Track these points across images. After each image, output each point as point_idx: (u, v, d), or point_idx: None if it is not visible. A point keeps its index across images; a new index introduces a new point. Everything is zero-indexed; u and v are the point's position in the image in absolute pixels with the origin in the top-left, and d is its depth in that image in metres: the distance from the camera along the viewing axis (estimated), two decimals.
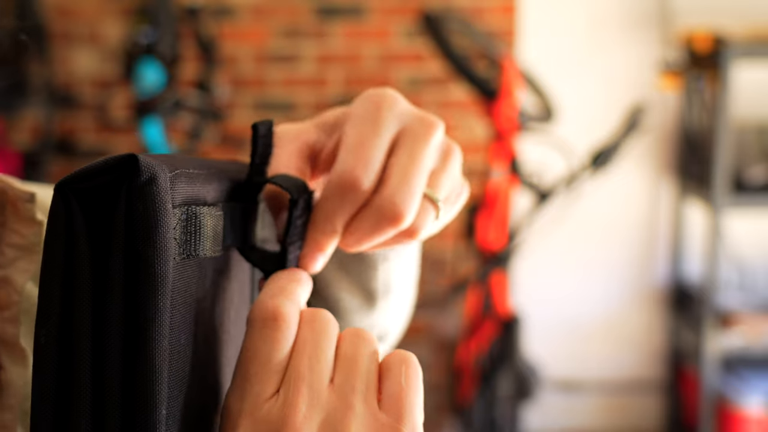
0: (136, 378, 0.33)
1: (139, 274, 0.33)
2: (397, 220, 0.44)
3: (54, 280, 0.33)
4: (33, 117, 2.71)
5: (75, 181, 0.33)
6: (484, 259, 2.33)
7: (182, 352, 0.36)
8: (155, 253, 0.33)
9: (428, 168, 0.45)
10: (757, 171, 2.64)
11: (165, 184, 0.34)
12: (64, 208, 0.33)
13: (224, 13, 2.78)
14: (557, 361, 2.89)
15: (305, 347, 0.39)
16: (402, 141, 0.45)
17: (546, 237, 2.64)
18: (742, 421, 2.56)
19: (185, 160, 0.38)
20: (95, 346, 0.33)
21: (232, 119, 2.79)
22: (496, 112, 2.22)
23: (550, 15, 2.84)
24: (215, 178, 0.40)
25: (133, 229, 0.33)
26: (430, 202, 0.45)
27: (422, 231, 0.46)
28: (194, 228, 0.37)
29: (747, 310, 2.68)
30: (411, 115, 0.46)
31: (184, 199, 0.36)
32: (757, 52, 2.56)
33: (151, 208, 0.33)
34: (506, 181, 2.28)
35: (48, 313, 0.33)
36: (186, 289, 0.37)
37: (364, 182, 0.44)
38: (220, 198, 0.41)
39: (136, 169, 0.33)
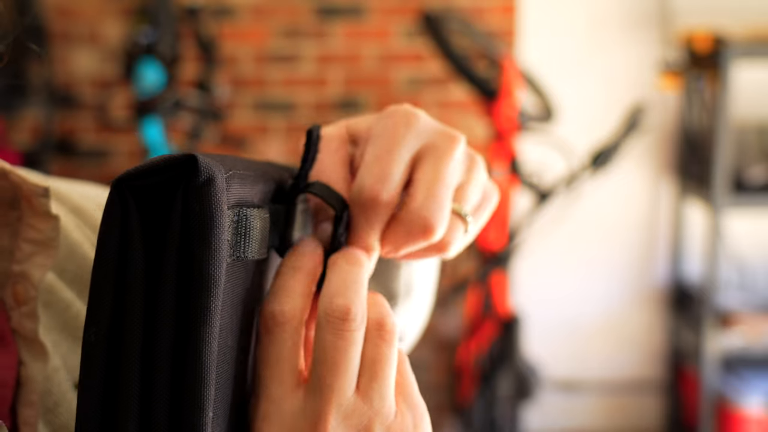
0: (186, 379, 0.33)
1: (193, 275, 0.33)
2: (428, 232, 0.44)
3: (106, 277, 0.32)
4: (33, 117, 2.71)
5: (132, 179, 0.33)
6: (484, 259, 2.33)
7: (228, 354, 0.36)
8: (210, 254, 0.33)
9: (454, 182, 0.46)
10: (757, 171, 2.64)
11: (222, 185, 0.34)
12: (120, 205, 0.33)
13: (224, 13, 2.78)
14: (557, 361, 2.89)
15: (329, 355, 0.39)
16: (425, 157, 0.45)
17: (546, 237, 2.64)
18: (742, 421, 2.56)
19: (235, 160, 0.38)
20: (145, 345, 0.33)
21: (232, 119, 2.78)
22: (496, 112, 2.22)
23: (550, 15, 2.84)
24: (261, 180, 0.40)
25: (188, 228, 0.33)
26: (458, 217, 0.46)
27: (453, 245, 0.46)
28: (245, 230, 0.37)
29: (747, 310, 2.68)
30: (433, 131, 0.47)
31: (237, 200, 0.36)
32: (757, 52, 2.56)
33: (208, 209, 0.33)
34: (506, 181, 2.28)
35: (99, 310, 0.32)
36: (233, 291, 0.37)
37: (383, 196, 0.44)
38: (265, 199, 0.41)
39: (195, 169, 0.33)
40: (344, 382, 0.39)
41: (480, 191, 0.48)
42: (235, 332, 0.37)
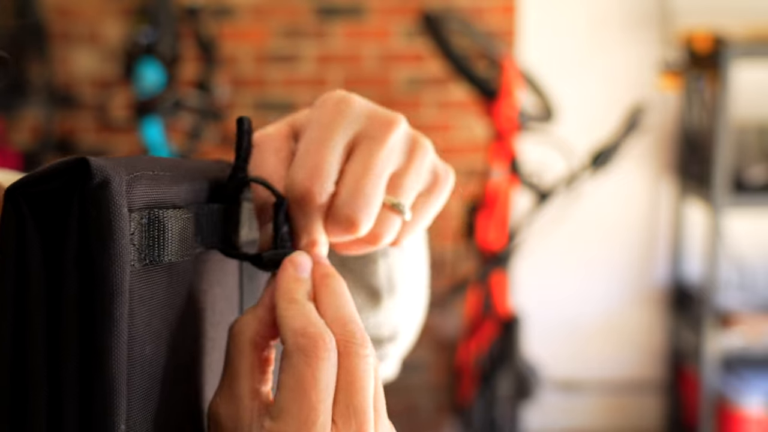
0: (93, 392, 0.32)
1: (95, 283, 0.32)
2: (352, 229, 0.43)
3: (5, 289, 0.31)
4: (33, 117, 2.71)
5: (26, 186, 0.32)
6: (484, 259, 2.33)
7: (148, 363, 0.35)
8: (110, 260, 0.32)
9: (385, 172, 0.44)
10: (757, 171, 2.64)
11: (119, 188, 0.32)
12: (15, 215, 0.31)
13: (224, 13, 2.78)
14: (557, 361, 2.88)
15: (360, 380, 0.38)
16: (357, 146, 0.44)
17: (546, 237, 2.63)
18: (742, 421, 2.56)
19: (151, 161, 0.37)
20: (50, 358, 0.31)
21: (232, 119, 2.78)
22: (496, 112, 2.22)
23: (550, 15, 2.84)
24: (187, 179, 0.39)
25: (86, 235, 0.32)
26: (391, 209, 0.44)
27: (384, 238, 0.45)
28: (157, 232, 0.35)
29: (747, 310, 2.68)
30: (367, 117, 0.45)
31: (146, 202, 0.35)
32: (757, 52, 2.56)
33: (105, 213, 0.32)
34: (506, 181, 2.28)
35: (0, 324, 0.31)
36: (151, 297, 0.35)
37: (315, 190, 0.43)
38: (195, 199, 0.39)
39: (88, 173, 0.32)
40: (368, 405, 0.38)
41: (424, 176, 0.46)
42: (161, 339, 0.36)
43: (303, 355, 0.37)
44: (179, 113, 2.46)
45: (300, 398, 0.37)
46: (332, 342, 0.38)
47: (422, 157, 0.46)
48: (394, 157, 0.45)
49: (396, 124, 0.45)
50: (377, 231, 0.45)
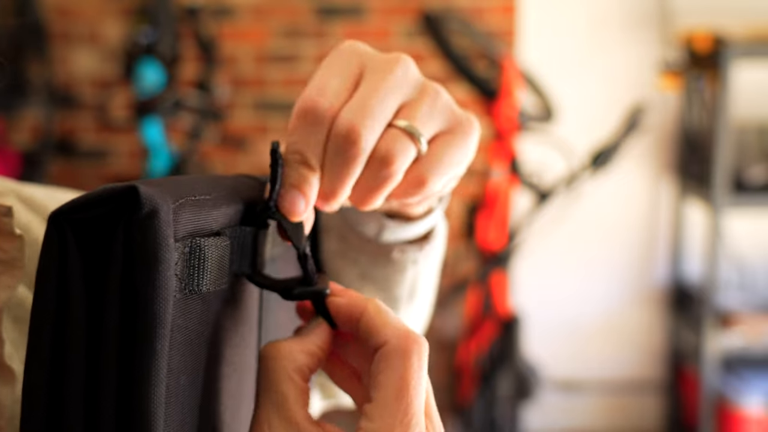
0: (131, 424, 0.31)
1: (137, 315, 0.31)
2: (352, 136, 0.41)
3: (45, 318, 0.30)
4: (33, 117, 2.71)
5: (71, 212, 0.31)
6: (484, 259, 2.33)
7: (182, 394, 0.34)
8: (154, 291, 0.31)
9: (391, 96, 0.43)
10: (757, 171, 2.64)
11: (167, 217, 0.32)
12: (58, 241, 0.31)
13: (224, 13, 2.78)
14: (557, 361, 2.88)
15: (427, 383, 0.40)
16: (363, 76, 0.44)
17: (546, 237, 2.64)
18: (742, 421, 2.56)
19: (192, 183, 0.36)
20: (88, 391, 0.31)
21: (232, 119, 2.78)
22: (496, 112, 2.22)
23: (550, 15, 2.84)
24: (224, 201, 0.38)
25: (131, 264, 0.31)
26: (402, 131, 0.43)
27: (398, 158, 0.42)
28: (198, 261, 0.34)
29: (747, 310, 2.68)
30: (374, 53, 0.45)
31: (189, 231, 0.34)
32: (757, 52, 2.56)
33: (152, 244, 0.31)
34: (506, 181, 2.28)
35: (38, 353, 0.31)
36: (187, 326, 0.34)
37: (321, 103, 0.42)
38: (230, 222, 0.38)
39: (137, 202, 0.31)
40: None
41: (440, 113, 0.45)
42: (191, 369, 0.35)
43: (405, 357, 0.38)
44: (179, 113, 2.46)
45: (401, 398, 0.38)
46: (427, 345, 0.40)
47: (434, 93, 0.45)
48: (402, 86, 0.44)
49: (401, 60, 0.45)
50: (388, 148, 0.42)
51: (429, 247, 0.57)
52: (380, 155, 0.42)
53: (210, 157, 2.76)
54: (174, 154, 2.47)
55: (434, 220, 0.57)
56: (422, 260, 0.58)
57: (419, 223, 0.55)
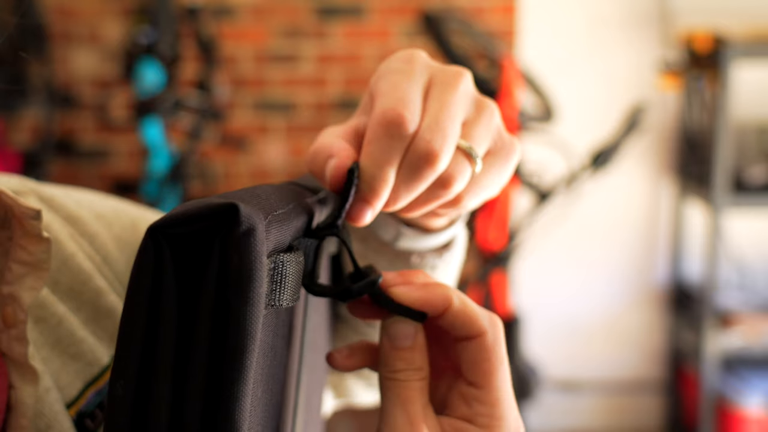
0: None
1: (229, 330, 0.31)
2: (430, 158, 0.42)
3: (136, 327, 0.31)
4: (33, 117, 2.71)
5: (168, 226, 0.31)
6: (484, 259, 2.33)
7: (258, 406, 0.35)
8: (248, 310, 0.31)
9: (459, 114, 0.44)
10: (757, 171, 2.64)
11: (262, 236, 0.32)
12: (155, 254, 0.31)
13: (224, 13, 2.78)
14: (557, 361, 2.88)
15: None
16: (431, 89, 0.44)
17: (546, 237, 2.64)
18: (742, 421, 2.56)
19: (268, 196, 0.36)
20: (175, 402, 0.31)
21: (232, 119, 2.78)
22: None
23: (550, 15, 2.84)
24: (295, 216, 0.38)
25: (225, 281, 0.31)
26: (464, 153, 0.44)
27: (458, 181, 0.44)
28: (280, 277, 0.35)
29: (747, 310, 2.68)
30: (438, 66, 0.46)
31: (275, 247, 0.34)
32: (757, 52, 2.56)
33: (248, 261, 0.31)
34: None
35: (128, 362, 0.31)
36: (265, 340, 0.35)
37: (409, 119, 0.42)
38: (298, 235, 0.39)
39: (236, 219, 0.31)
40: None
41: (492, 133, 0.46)
42: (265, 380, 0.36)
43: (501, 345, 0.42)
44: (179, 113, 2.46)
45: (504, 381, 0.42)
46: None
47: (490, 113, 0.46)
48: (465, 103, 0.45)
49: (465, 74, 0.45)
50: (451, 172, 0.43)
51: (448, 255, 0.58)
52: (443, 176, 0.44)
53: (210, 157, 2.76)
54: (174, 154, 2.47)
55: (454, 232, 0.57)
56: (441, 266, 0.58)
57: (439, 235, 0.56)
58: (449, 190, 0.44)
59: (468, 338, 0.42)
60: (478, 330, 0.42)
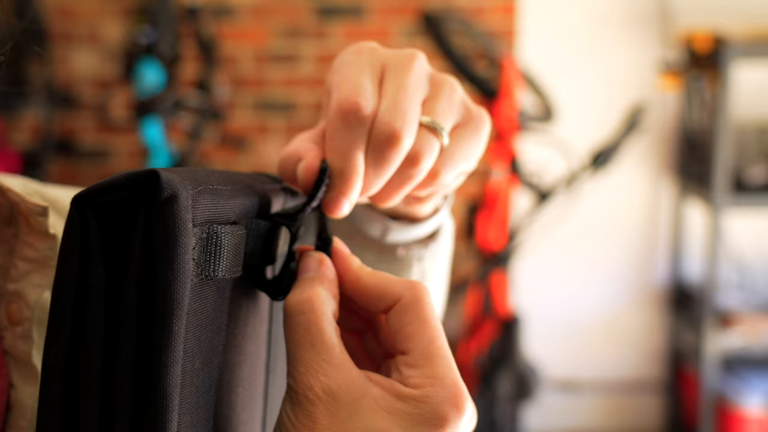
0: (147, 405, 0.31)
1: (155, 297, 0.31)
2: (394, 139, 0.42)
3: (66, 297, 0.31)
4: (33, 117, 2.71)
5: (93, 196, 0.32)
6: (484, 259, 2.33)
7: (196, 377, 0.35)
8: (172, 275, 0.32)
9: (417, 92, 0.44)
10: (757, 171, 2.64)
11: (186, 202, 0.32)
12: (80, 223, 0.31)
13: (224, 13, 2.78)
14: (557, 361, 2.88)
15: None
16: (386, 74, 0.45)
17: (546, 237, 2.64)
18: (742, 421, 2.56)
19: (209, 174, 0.37)
20: (105, 369, 0.31)
21: (232, 119, 2.78)
22: (496, 112, 2.22)
23: (550, 15, 2.84)
24: (241, 193, 0.39)
25: (150, 248, 0.32)
26: (427, 128, 0.44)
27: (426, 156, 0.44)
28: (214, 248, 0.35)
29: (747, 310, 2.68)
30: (389, 52, 0.46)
31: (206, 217, 0.35)
32: (757, 52, 2.56)
33: (171, 228, 0.32)
34: (506, 181, 2.28)
35: (58, 332, 0.31)
36: (202, 311, 0.35)
37: (363, 105, 0.43)
38: (246, 214, 0.39)
39: (158, 186, 0.32)
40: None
41: (456, 107, 0.46)
42: (205, 353, 0.36)
43: (423, 304, 0.40)
44: (179, 113, 2.46)
45: (434, 341, 0.40)
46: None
47: (450, 88, 0.46)
48: (421, 82, 0.45)
49: (417, 56, 0.46)
50: (417, 148, 0.43)
51: (434, 245, 0.58)
52: (409, 155, 0.44)
53: (210, 157, 2.76)
54: (174, 154, 2.47)
55: (440, 220, 0.57)
56: (428, 257, 0.58)
57: (425, 224, 0.56)
58: (419, 167, 0.44)
59: (389, 307, 0.41)
60: (394, 295, 0.41)
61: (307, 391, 0.37)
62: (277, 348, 0.48)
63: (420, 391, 0.38)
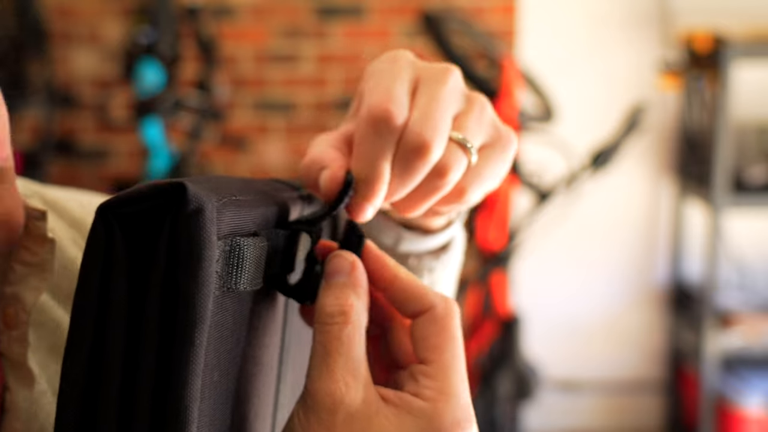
0: (167, 419, 0.31)
1: (178, 309, 0.31)
2: (423, 150, 0.42)
3: (87, 307, 0.31)
4: (33, 117, 2.71)
5: (118, 206, 0.32)
6: (484, 259, 2.33)
7: (214, 389, 0.35)
8: (196, 288, 0.32)
9: (449, 106, 0.44)
10: (757, 171, 2.64)
11: (212, 215, 0.32)
12: (105, 233, 0.31)
13: (224, 13, 2.78)
14: (557, 361, 2.88)
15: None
16: (420, 86, 0.44)
17: (546, 237, 2.63)
18: (742, 421, 2.56)
19: (231, 183, 0.37)
20: (124, 381, 0.31)
21: (232, 119, 2.78)
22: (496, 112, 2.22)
23: (550, 15, 2.84)
24: (261, 204, 0.39)
25: (175, 260, 0.31)
26: (457, 144, 0.44)
27: (454, 170, 0.44)
28: (237, 260, 0.35)
29: (747, 310, 2.68)
30: (424, 64, 0.46)
31: (230, 229, 0.35)
32: (757, 52, 2.56)
33: (197, 240, 0.32)
34: (506, 181, 2.28)
35: (79, 342, 0.31)
36: (223, 323, 0.35)
37: (395, 114, 0.42)
38: (266, 224, 0.39)
39: (184, 198, 0.32)
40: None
41: (486, 125, 0.46)
42: (224, 366, 0.36)
43: (453, 319, 0.41)
44: (179, 113, 2.46)
45: (456, 357, 0.40)
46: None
47: (482, 106, 0.46)
48: (455, 97, 0.45)
49: (453, 70, 0.46)
50: (446, 161, 0.43)
51: (445, 257, 0.58)
52: (437, 167, 0.43)
53: (210, 157, 2.76)
54: (174, 154, 2.47)
55: (453, 233, 0.57)
56: (439, 268, 0.58)
57: (438, 235, 0.56)
58: (445, 180, 0.44)
59: (418, 313, 0.41)
60: (428, 303, 0.41)
61: (326, 397, 0.37)
62: (288, 356, 0.48)
63: (432, 404, 0.39)
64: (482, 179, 0.46)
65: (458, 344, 0.41)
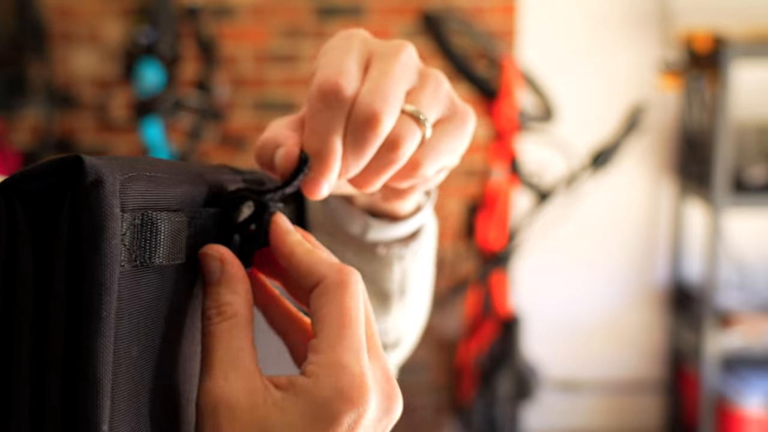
0: (77, 391, 0.31)
1: (83, 282, 0.31)
2: (373, 122, 0.41)
3: None
4: (33, 117, 2.71)
5: (19, 183, 0.32)
6: (484, 259, 2.33)
7: (134, 364, 0.34)
8: (100, 260, 0.32)
9: (401, 80, 0.44)
10: (757, 171, 2.64)
11: (113, 188, 0.32)
12: (7, 212, 0.31)
13: (224, 13, 2.78)
14: (557, 361, 2.88)
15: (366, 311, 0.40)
16: (372, 61, 0.44)
17: (546, 237, 2.63)
18: (742, 421, 2.56)
19: (151, 162, 0.36)
20: (34, 355, 0.31)
21: (232, 119, 2.78)
22: (496, 112, 2.22)
23: (550, 15, 2.84)
24: (186, 182, 0.38)
25: (77, 234, 0.31)
26: (410, 116, 0.44)
27: (407, 142, 0.43)
28: (149, 234, 0.35)
29: (747, 310, 2.68)
30: (379, 41, 0.46)
31: (140, 203, 0.34)
32: (757, 52, 2.56)
33: (96, 213, 0.32)
34: (506, 181, 2.28)
35: None
36: (140, 298, 0.35)
37: (344, 86, 0.42)
38: (192, 203, 0.39)
39: (82, 171, 0.32)
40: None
41: (441, 100, 0.46)
42: (144, 340, 0.35)
43: (343, 289, 0.39)
44: (179, 113, 2.46)
45: (344, 327, 0.38)
46: (359, 275, 0.40)
47: (437, 81, 0.46)
48: (408, 71, 0.45)
49: (406, 46, 0.46)
50: (398, 132, 0.43)
51: (415, 244, 0.57)
52: (389, 139, 0.43)
53: (210, 157, 2.76)
54: (174, 154, 2.47)
55: (422, 219, 0.57)
56: (409, 256, 0.57)
57: (406, 222, 0.55)
58: (399, 152, 0.43)
59: (313, 287, 0.40)
60: (320, 275, 0.39)
61: (206, 395, 0.37)
62: None
63: (313, 379, 0.37)
64: (438, 153, 0.46)
65: (350, 314, 0.38)
